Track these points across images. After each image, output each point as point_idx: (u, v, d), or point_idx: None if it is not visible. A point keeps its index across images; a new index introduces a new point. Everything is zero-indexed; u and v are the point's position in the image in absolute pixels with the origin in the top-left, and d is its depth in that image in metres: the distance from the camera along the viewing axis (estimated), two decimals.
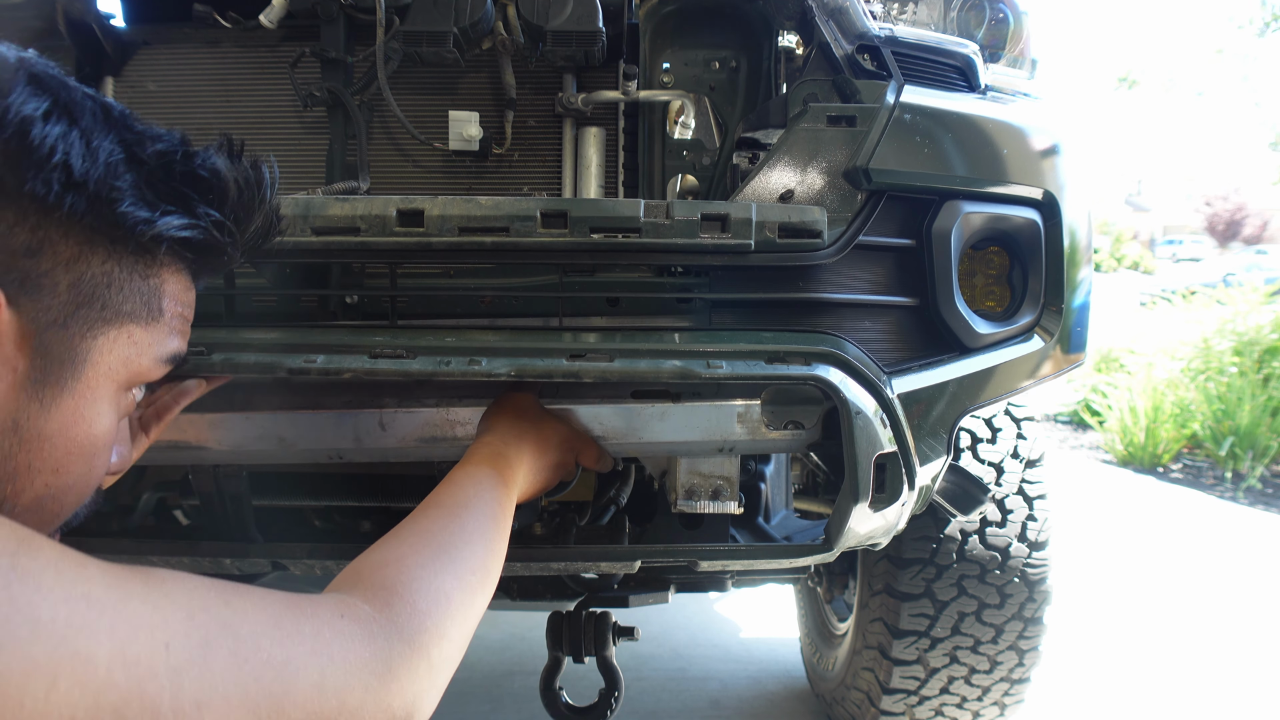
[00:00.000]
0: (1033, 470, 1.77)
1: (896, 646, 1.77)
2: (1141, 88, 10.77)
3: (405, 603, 0.73)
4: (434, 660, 0.73)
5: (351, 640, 0.67)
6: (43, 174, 0.60)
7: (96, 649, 0.51)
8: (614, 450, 1.20)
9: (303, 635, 0.63)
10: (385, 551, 0.80)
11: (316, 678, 0.62)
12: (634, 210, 1.02)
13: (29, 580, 0.50)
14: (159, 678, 0.53)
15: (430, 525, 0.86)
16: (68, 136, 0.62)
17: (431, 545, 0.82)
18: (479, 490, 0.94)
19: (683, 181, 1.51)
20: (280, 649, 0.61)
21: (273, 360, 1.00)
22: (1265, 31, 9.02)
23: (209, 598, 0.60)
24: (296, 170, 1.52)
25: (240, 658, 0.58)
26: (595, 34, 1.38)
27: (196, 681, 0.55)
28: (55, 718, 0.48)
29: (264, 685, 0.59)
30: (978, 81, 1.28)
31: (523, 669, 2.56)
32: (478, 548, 0.86)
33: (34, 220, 0.61)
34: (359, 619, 0.69)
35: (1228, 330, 6.41)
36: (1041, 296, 1.22)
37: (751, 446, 1.19)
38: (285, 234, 0.92)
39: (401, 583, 0.75)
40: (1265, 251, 24.99)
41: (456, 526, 0.86)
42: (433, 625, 0.74)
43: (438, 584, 0.77)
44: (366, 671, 0.66)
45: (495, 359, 1.01)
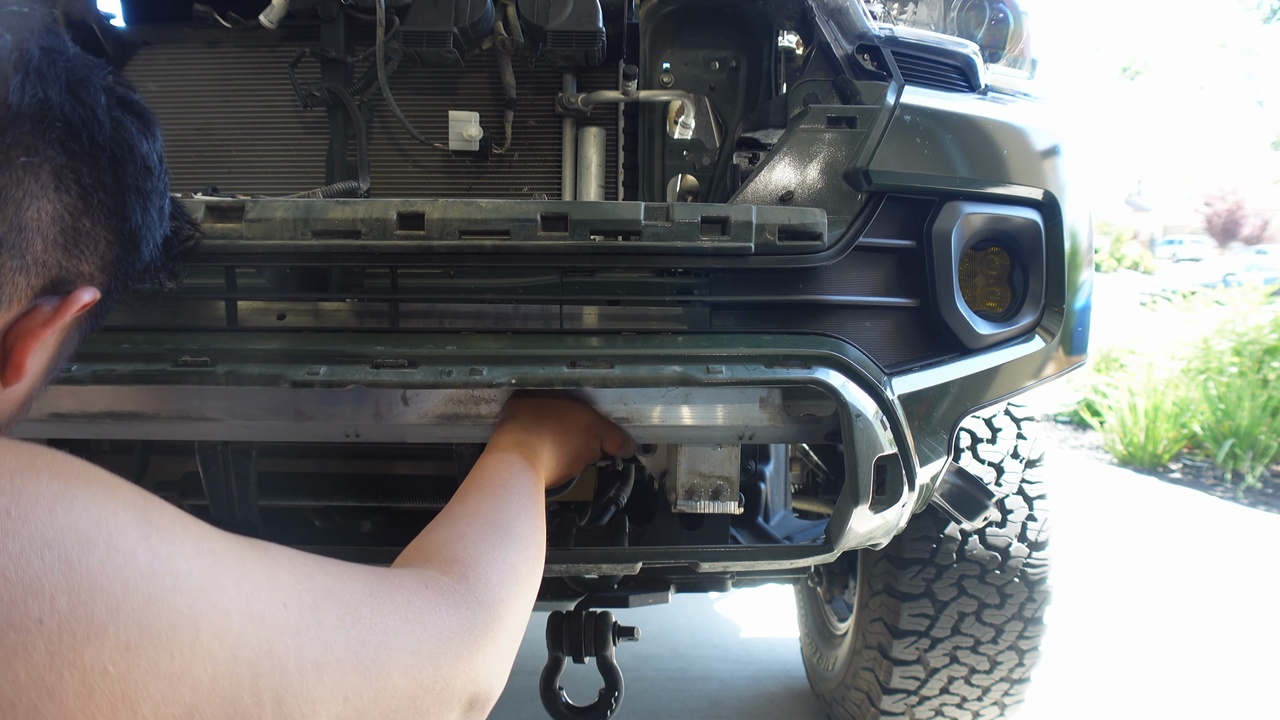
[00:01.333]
0: (1033, 470, 1.77)
1: (896, 646, 1.77)
2: (1144, 78, 10.73)
3: (480, 575, 0.77)
4: (509, 629, 0.77)
5: (439, 610, 0.69)
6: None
7: (228, 604, 0.52)
8: (638, 435, 1.19)
9: (395, 604, 0.65)
10: (445, 530, 0.83)
11: (414, 645, 0.65)
12: (634, 213, 1.02)
13: (164, 533, 0.52)
14: (284, 635, 0.55)
15: (478, 506, 0.88)
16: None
17: (486, 524, 0.85)
18: (512, 473, 0.96)
19: (683, 182, 1.51)
20: (379, 617, 0.63)
21: (276, 372, 1.00)
22: (1271, 19, 8.96)
23: (310, 564, 0.62)
24: (296, 170, 1.52)
25: (346, 622, 0.60)
26: (595, 34, 1.38)
27: (314, 642, 0.57)
28: (199, 669, 0.49)
29: (370, 650, 0.61)
30: (978, 82, 1.28)
31: (523, 669, 2.54)
32: (526, 525, 0.89)
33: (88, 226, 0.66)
34: (442, 590, 0.72)
35: (1227, 330, 6.40)
36: (1042, 297, 1.22)
37: (772, 434, 1.19)
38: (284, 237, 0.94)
39: (472, 556, 0.79)
40: (1265, 251, 24.99)
41: (502, 506, 0.89)
42: (507, 596, 0.77)
43: (503, 557, 0.81)
44: (456, 640, 0.69)
45: (496, 367, 1.01)
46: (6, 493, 0.46)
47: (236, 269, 1.07)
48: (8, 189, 0.59)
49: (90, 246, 0.65)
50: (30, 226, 0.60)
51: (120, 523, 0.50)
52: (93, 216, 0.65)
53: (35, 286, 0.62)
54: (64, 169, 0.62)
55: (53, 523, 0.46)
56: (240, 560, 0.56)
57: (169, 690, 0.47)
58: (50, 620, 0.44)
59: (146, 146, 0.68)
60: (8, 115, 0.58)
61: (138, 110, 0.68)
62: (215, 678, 0.50)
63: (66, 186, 0.62)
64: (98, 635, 0.45)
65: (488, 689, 0.73)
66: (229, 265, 1.07)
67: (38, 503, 0.47)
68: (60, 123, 0.61)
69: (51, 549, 0.45)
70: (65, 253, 0.63)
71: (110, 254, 0.67)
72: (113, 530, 0.49)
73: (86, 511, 0.48)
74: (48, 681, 0.43)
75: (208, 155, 1.52)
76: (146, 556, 0.49)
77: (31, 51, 0.61)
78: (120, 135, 0.65)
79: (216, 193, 1.35)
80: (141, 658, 0.46)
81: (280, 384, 1.00)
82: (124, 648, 0.46)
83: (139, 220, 0.69)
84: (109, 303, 0.70)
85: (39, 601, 0.44)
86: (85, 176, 0.63)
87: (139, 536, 0.50)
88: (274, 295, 1.11)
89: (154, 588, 0.49)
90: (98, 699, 0.44)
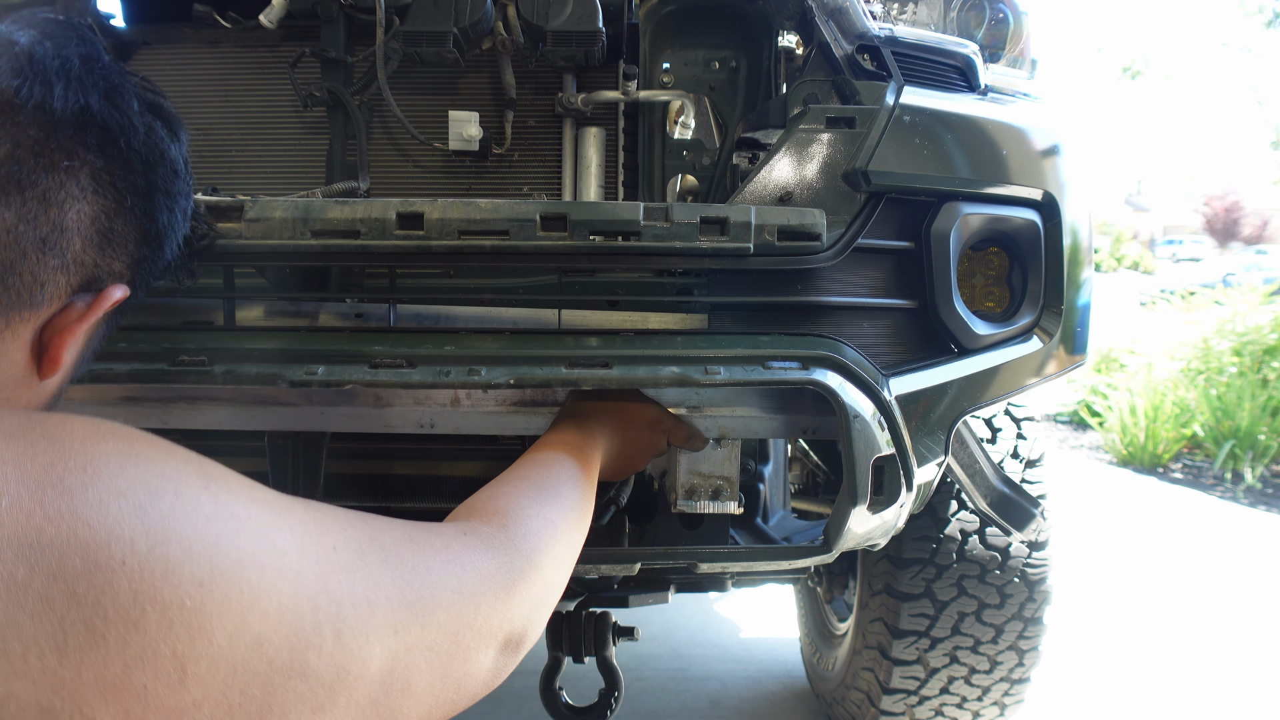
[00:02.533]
0: (1033, 470, 1.77)
1: (896, 646, 1.77)
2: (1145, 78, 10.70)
3: (519, 524, 0.80)
4: (546, 580, 0.80)
5: (477, 553, 0.73)
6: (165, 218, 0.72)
7: (286, 544, 0.56)
8: (704, 428, 1.20)
9: (435, 548, 0.69)
10: (490, 491, 0.87)
11: (455, 584, 0.68)
12: (633, 214, 1.02)
13: (221, 483, 0.56)
14: (337, 574, 0.59)
15: (526, 473, 0.92)
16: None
17: (532, 486, 0.89)
18: (565, 452, 0.99)
19: (683, 182, 1.51)
20: (420, 558, 0.67)
21: (274, 371, 1.00)
22: (1275, 23, 8.94)
23: (351, 516, 0.66)
24: (296, 170, 1.52)
25: (390, 564, 0.64)
26: (595, 34, 1.38)
27: (364, 580, 0.61)
28: (266, 601, 0.53)
29: (415, 588, 0.64)
30: (978, 82, 1.28)
31: (523, 669, 2.54)
32: (572, 491, 0.93)
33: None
34: (481, 536, 0.76)
35: (1227, 330, 6.40)
36: (1041, 297, 1.22)
37: (832, 425, 1.20)
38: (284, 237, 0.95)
39: (513, 509, 0.83)
40: (1265, 251, 24.98)
41: (550, 474, 0.93)
42: (544, 546, 0.81)
43: (544, 512, 0.85)
44: (494, 582, 0.73)
45: (494, 368, 1.01)
46: (80, 453, 0.50)
47: (235, 268, 1.07)
48: (51, 191, 0.62)
49: (121, 246, 0.68)
50: (70, 227, 0.64)
51: (183, 474, 0.54)
52: (125, 218, 0.68)
53: (73, 284, 0.66)
54: (101, 172, 0.65)
55: (124, 475, 0.50)
56: (290, 509, 0.60)
57: (239, 620, 0.51)
58: (132, 561, 0.47)
59: (174, 150, 0.72)
60: (52, 121, 0.62)
61: (166, 115, 0.72)
62: (280, 609, 0.54)
63: (103, 190, 0.65)
64: (174, 573, 0.49)
65: (522, 631, 0.76)
66: (227, 265, 1.07)
67: (108, 460, 0.51)
68: (99, 128, 0.65)
69: (126, 498, 0.49)
70: (100, 252, 0.67)
71: (138, 253, 0.70)
72: (178, 480, 0.53)
73: (152, 465, 0.53)
74: (133, 616, 0.47)
75: (208, 155, 1.52)
76: (210, 502, 0.53)
77: (71, 59, 0.64)
78: (152, 140, 0.69)
79: (216, 193, 1.35)
80: (214, 591, 0.50)
81: (277, 384, 1.00)
82: (198, 583, 0.50)
83: (165, 221, 0.72)
84: (135, 299, 0.73)
85: (120, 545, 0.47)
86: (120, 180, 0.67)
87: (200, 485, 0.54)
88: (273, 295, 1.11)
89: (219, 529, 0.52)
90: (177, 630, 0.48)
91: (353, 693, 0.58)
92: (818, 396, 1.12)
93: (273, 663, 0.53)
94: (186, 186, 0.75)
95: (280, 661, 0.53)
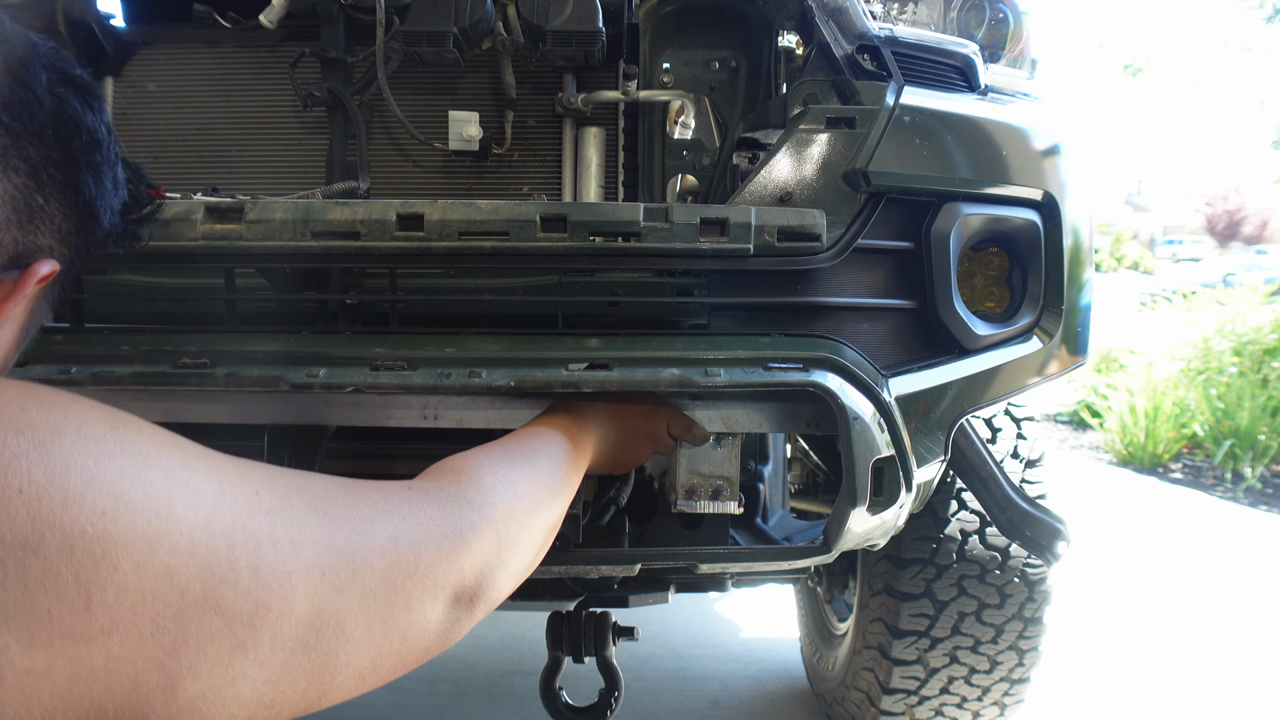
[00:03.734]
0: (1033, 470, 1.77)
1: (896, 646, 1.77)
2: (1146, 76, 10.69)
3: (473, 479, 0.79)
4: (503, 536, 0.78)
5: (420, 504, 0.72)
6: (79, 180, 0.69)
7: (200, 484, 0.56)
8: (706, 420, 1.18)
9: (371, 499, 0.68)
10: (455, 455, 0.85)
11: (391, 531, 0.67)
12: (634, 215, 1.02)
13: (130, 426, 0.56)
14: (257, 515, 0.58)
15: (501, 441, 0.91)
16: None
17: (501, 452, 0.87)
18: (551, 429, 0.98)
19: (683, 182, 1.51)
20: (353, 507, 0.66)
21: (276, 374, 1.00)
22: (1275, 18, 8.91)
23: (281, 469, 0.65)
24: (296, 170, 1.52)
25: (319, 510, 0.63)
26: (595, 34, 1.38)
27: (287, 523, 0.60)
28: (175, 534, 0.53)
29: (345, 533, 0.64)
30: (978, 82, 1.28)
31: (523, 669, 2.56)
32: (546, 461, 0.91)
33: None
34: (427, 491, 0.75)
35: (1227, 330, 6.40)
36: (1041, 297, 1.22)
37: None
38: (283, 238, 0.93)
39: (470, 466, 0.81)
40: (1265, 251, 24.97)
41: (527, 446, 0.91)
42: (500, 502, 0.79)
43: (505, 471, 0.83)
44: (438, 531, 0.71)
45: (495, 370, 1.01)
46: None
47: (236, 270, 1.07)
48: None
49: (46, 221, 0.67)
50: None
51: (89, 417, 0.54)
52: (45, 193, 0.66)
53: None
54: (9, 150, 0.64)
55: (24, 416, 0.51)
56: (209, 455, 0.60)
57: (147, 550, 0.51)
58: (29, 489, 0.48)
59: (92, 119, 0.70)
60: None
61: (80, 85, 0.69)
62: (191, 543, 0.53)
63: (15, 166, 0.64)
64: (75, 501, 0.49)
65: (475, 584, 0.75)
66: (228, 266, 1.07)
67: (9, 404, 0.51)
68: (1, 105, 0.63)
69: (24, 435, 0.50)
70: (21, 229, 0.65)
71: (67, 226, 0.69)
72: (82, 420, 0.53)
73: (55, 408, 0.53)
74: (31, 541, 0.47)
75: (208, 155, 1.52)
76: (115, 441, 0.53)
77: None
78: (64, 111, 0.67)
79: (216, 193, 1.36)
80: (119, 520, 0.50)
81: (279, 386, 1.00)
82: (101, 511, 0.50)
83: (93, 191, 0.70)
84: (73, 271, 0.72)
85: (16, 475, 0.48)
86: (33, 155, 0.65)
87: (107, 426, 0.54)
88: (273, 296, 1.11)
89: (125, 464, 0.53)
90: (79, 555, 0.48)
91: (277, 632, 0.57)
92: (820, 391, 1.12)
93: (185, 594, 0.52)
94: (112, 155, 0.73)
95: (193, 594, 0.53)
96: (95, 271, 1.09)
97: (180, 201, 1.11)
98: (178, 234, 1.01)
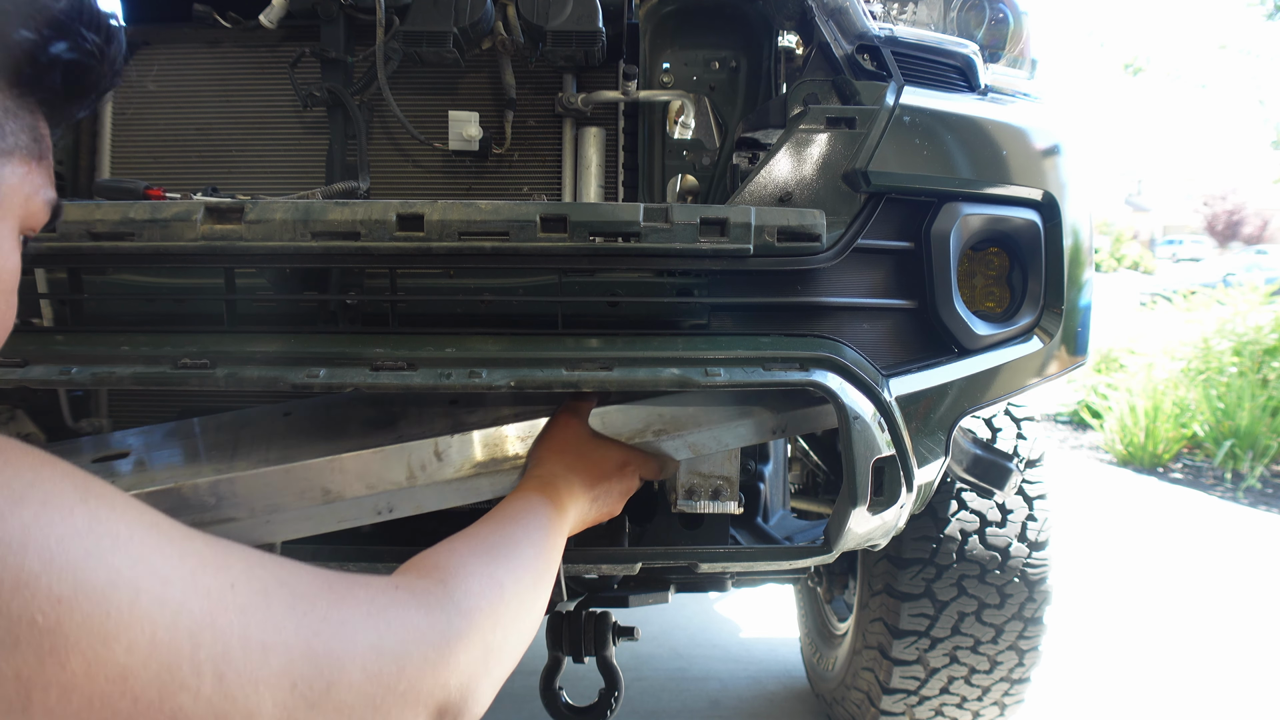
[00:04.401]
0: (1033, 470, 1.77)
1: (896, 646, 1.77)
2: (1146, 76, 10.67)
3: (460, 581, 0.73)
4: (489, 644, 0.72)
5: (407, 609, 0.66)
6: None
7: (171, 572, 0.51)
8: (673, 450, 1.17)
9: (357, 600, 0.63)
10: (435, 548, 0.80)
11: (374, 639, 0.61)
12: (633, 215, 1.02)
13: (102, 500, 0.50)
14: (229, 612, 0.53)
15: (480, 532, 0.86)
16: None
17: (482, 544, 0.83)
18: (530, 508, 0.94)
19: (683, 182, 1.51)
20: (335, 610, 0.60)
21: (276, 374, 1.00)
22: (1275, 15, 8.90)
23: (263, 556, 0.60)
24: (296, 170, 1.52)
25: (298, 611, 0.58)
26: (595, 34, 1.38)
27: (261, 624, 0.55)
28: (136, 630, 0.48)
29: (324, 639, 0.58)
30: (978, 82, 1.28)
31: (523, 669, 2.53)
32: (528, 551, 0.86)
33: None
34: (414, 591, 0.69)
35: (1228, 330, 6.40)
36: (1041, 297, 1.22)
37: (804, 422, 1.18)
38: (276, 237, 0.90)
39: (455, 565, 0.76)
40: (1265, 251, 24.96)
41: (508, 533, 0.87)
42: (487, 606, 0.74)
43: (490, 571, 0.78)
44: (424, 642, 0.65)
45: (495, 370, 1.01)
46: None
47: (236, 270, 1.07)
48: None
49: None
50: None
51: (57, 486, 0.49)
52: None
53: None
54: None
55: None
56: (186, 538, 0.55)
57: (101, 648, 0.46)
58: None
59: None
60: None
61: None
62: (153, 642, 0.48)
63: None
64: (28, 585, 0.44)
65: (460, 699, 0.68)
66: (229, 267, 1.07)
67: None
68: None
69: None
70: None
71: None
72: (49, 490, 0.48)
73: (21, 473, 0.48)
74: None
75: (208, 155, 1.52)
76: (84, 517, 0.49)
77: None
78: None
79: (216, 193, 1.36)
80: (75, 611, 0.45)
81: (280, 385, 1.00)
82: (55, 600, 0.45)
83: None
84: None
85: None
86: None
87: (76, 499, 0.49)
88: (273, 296, 1.11)
89: (90, 545, 0.48)
90: (24, 650, 0.43)
91: None
92: (786, 394, 1.12)
93: (138, 702, 0.47)
94: None
95: (147, 701, 0.48)
96: (95, 271, 1.09)
97: (180, 201, 1.11)
98: (178, 234, 1.01)
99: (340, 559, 1.22)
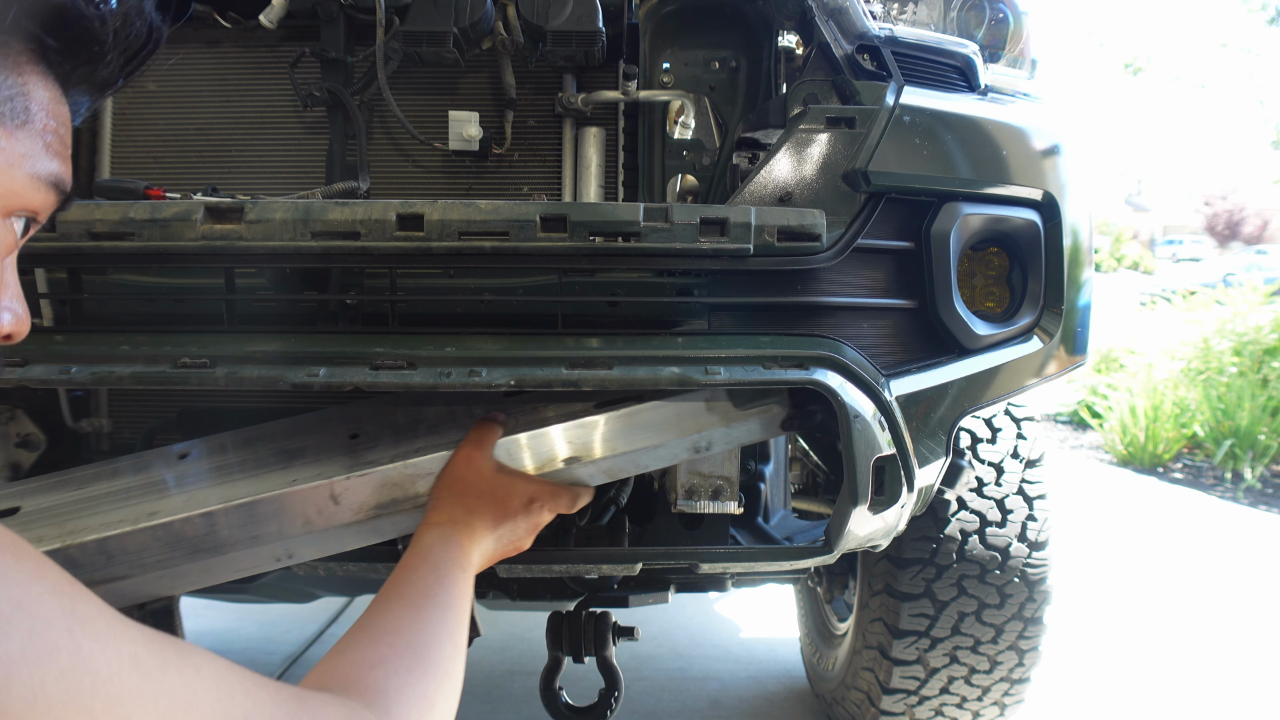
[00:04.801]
0: (1033, 470, 1.77)
1: (896, 646, 1.77)
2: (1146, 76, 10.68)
3: (400, 712, 0.76)
4: None
5: None
6: None
7: (145, 716, 0.52)
8: (588, 477, 1.15)
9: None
10: (365, 652, 0.82)
11: None
12: (633, 215, 1.02)
13: (88, 627, 0.51)
14: None
15: (398, 623, 0.87)
16: None
17: (406, 647, 0.84)
18: (438, 576, 0.94)
19: (683, 182, 1.51)
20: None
21: (276, 374, 1.00)
22: (1277, 20, 8.91)
23: (233, 684, 0.60)
24: (296, 170, 1.52)
25: None
26: (595, 34, 1.38)
27: None
28: None
29: None
30: (978, 82, 1.28)
31: (523, 669, 2.56)
32: (446, 647, 0.88)
33: None
34: (351, 711, 0.70)
35: (1227, 330, 6.41)
36: (1041, 297, 1.22)
37: (728, 436, 1.16)
38: None
39: (392, 689, 0.78)
40: (1265, 251, 24.97)
41: (423, 622, 0.88)
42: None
43: (421, 691, 0.81)
44: None
45: (495, 369, 1.01)
46: None
47: (236, 270, 1.07)
48: None
49: None
50: None
51: (45, 610, 0.49)
52: None
53: None
54: None
55: None
56: (162, 670, 0.55)
57: None
58: None
59: None
60: None
61: None
62: None
63: None
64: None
65: None
66: (229, 266, 1.07)
67: None
68: None
69: None
70: None
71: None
72: (36, 616, 0.48)
73: (10, 591, 0.47)
74: None
75: (208, 155, 1.52)
76: (69, 652, 0.49)
77: None
78: None
79: (216, 193, 1.36)
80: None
81: (280, 385, 1.00)
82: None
83: None
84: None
85: None
86: None
87: (64, 628, 0.49)
88: (273, 296, 1.11)
89: (72, 685, 0.48)
90: None
91: None
92: (710, 409, 1.12)
93: None
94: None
95: None
96: (95, 271, 1.09)
97: (180, 201, 1.11)
98: (177, 234, 1.01)
99: (340, 559, 1.22)
